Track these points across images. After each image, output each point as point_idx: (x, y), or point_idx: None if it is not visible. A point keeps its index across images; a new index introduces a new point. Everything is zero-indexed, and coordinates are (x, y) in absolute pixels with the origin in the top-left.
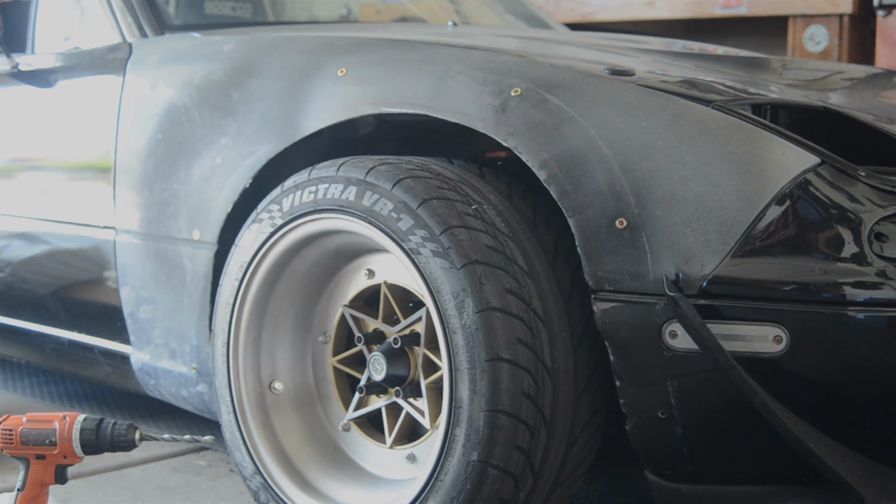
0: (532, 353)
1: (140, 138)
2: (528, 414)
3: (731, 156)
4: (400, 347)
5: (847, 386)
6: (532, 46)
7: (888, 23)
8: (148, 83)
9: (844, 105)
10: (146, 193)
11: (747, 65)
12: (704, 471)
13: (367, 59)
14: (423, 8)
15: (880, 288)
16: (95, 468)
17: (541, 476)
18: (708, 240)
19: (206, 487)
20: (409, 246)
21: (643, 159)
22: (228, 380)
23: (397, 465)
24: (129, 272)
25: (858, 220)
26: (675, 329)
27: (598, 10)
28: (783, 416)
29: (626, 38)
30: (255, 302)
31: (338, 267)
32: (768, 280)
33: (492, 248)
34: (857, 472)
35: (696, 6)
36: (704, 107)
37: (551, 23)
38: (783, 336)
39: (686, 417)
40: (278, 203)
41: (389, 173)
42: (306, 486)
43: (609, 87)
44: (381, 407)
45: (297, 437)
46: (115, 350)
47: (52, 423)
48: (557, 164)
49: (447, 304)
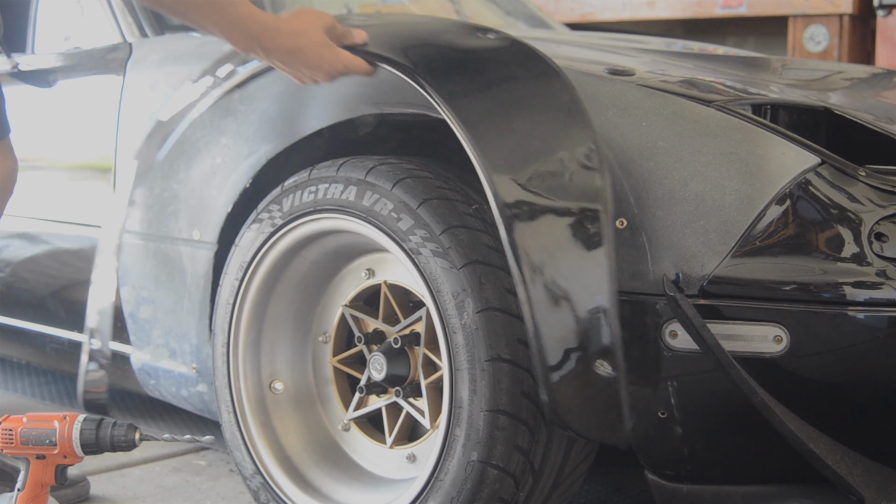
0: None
1: (140, 138)
2: (528, 414)
3: (731, 156)
4: (400, 347)
5: (847, 386)
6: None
7: (888, 23)
8: (148, 83)
9: (844, 105)
10: (146, 193)
11: (747, 65)
12: (704, 471)
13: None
14: (423, 8)
15: (880, 288)
16: (95, 468)
17: (541, 476)
18: (708, 240)
19: (206, 487)
20: (410, 246)
21: (643, 159)
22: (228, 380)
23: (397, 465)
24: (130, 272)
25: (858, 220)
26: (675, 329)
27: (598, 10)
28: (783, 415)
29: (626, 38)
30: (255, 302)
31: (338, 267)
32: (768, 280)
33: (492, 247)
34: (857, 472)
35: (696, 6)
36: (704, 107)
37: (551, 23)
38: (783, 336)
39: (686, 417)
40: (278, 203)
41: (389, 173)
42: (306, 486)
43: (609, 87)
44: (381, 407)
45: (297, 437)
46: (114, 350)
47: (52, 423)
48: None
49: (447, 304)
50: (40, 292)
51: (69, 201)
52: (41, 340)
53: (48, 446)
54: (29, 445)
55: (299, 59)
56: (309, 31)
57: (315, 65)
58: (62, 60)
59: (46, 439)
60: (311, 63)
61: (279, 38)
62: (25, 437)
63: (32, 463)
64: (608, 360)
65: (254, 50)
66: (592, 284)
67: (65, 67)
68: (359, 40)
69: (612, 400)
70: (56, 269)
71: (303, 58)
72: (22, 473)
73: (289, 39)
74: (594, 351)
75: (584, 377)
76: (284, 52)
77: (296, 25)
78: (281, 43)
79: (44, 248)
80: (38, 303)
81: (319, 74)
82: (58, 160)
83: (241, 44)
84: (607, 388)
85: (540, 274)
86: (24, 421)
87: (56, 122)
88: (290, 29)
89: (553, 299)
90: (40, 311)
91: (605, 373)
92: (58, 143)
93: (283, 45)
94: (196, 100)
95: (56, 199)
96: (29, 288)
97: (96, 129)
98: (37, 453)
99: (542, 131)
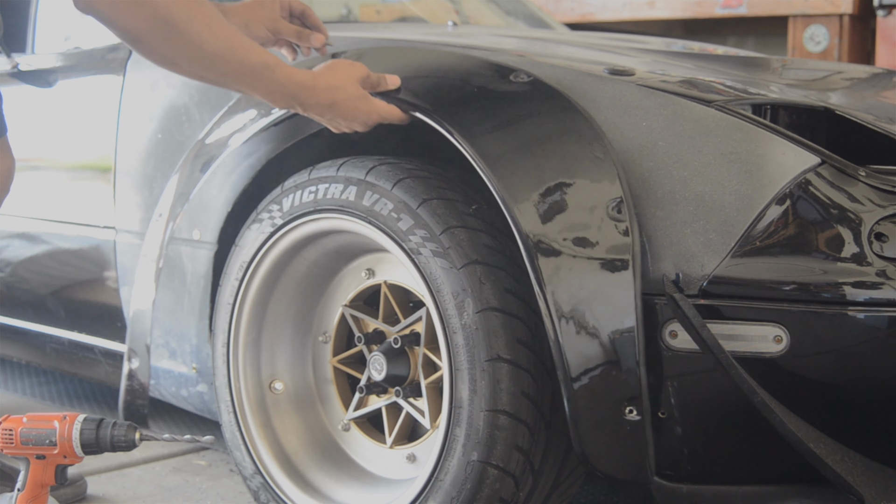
0: (532, 353)
1: (140, 138)
2: (528, 414)
3: (731, 156)
4: (400, 347)
5: (847, 386)
6: (532, 46)
7: (888, 23)
8: (148, 83)
9: (844, 105)
10: (146, 193)
11: (747, 65)
12: (704, 471)
13: (367, 59)
14: (423, 8)
15: (880, 288)
16: (95, 468)
17: (541, 476)
18: (708, 240)
19: (206, 487)
20: (410, 246)
21: (643, 159)
22: (228, 380)
23: (397, 465)
24: (130, 272)
25: (858, 220)
26: (675, 329)
27: (598, 10)
28: (783, 415)
29: (626, 38)
30: (255, 302)
31: (338, 267)
32: (768, 280)
33: (492, 247)
34: (857, 472)
35: (696, 6)
36: (704, 107)
37: (551, 23)
38: (783, 336)
39: (686, 417)
40: (278, 203)
41: (389, 173)
42: (306, 486)
43: (609, 87)
44: (381, 407)
45: (297, 437)
46: (115, 350)
47: (52, 423)
48: None
49: (447, 304)
50: (40, 292)
51: (69, 201)
52: (41, 340)
53: (48, 446)
54: (29, 445)
55: (336, 112)
56: (344, 84)
57: (352, 116)
58: (62, 60)
59: (46, 439)
60: (348, 115)
61: (316, 95)
62: (25, 437)
63: (32, 463)
64: (635, 406)
65: (292, 107)
66: (621, 335)
67: (65, 67)
68: (392, 87)
69: (639, 443)
70: (56, 269)
71: (339, 111)
72: (22, 473)
73: (325, 95)
74: (622, 398)
75: (611, 423)
76: (322, 107)
77: (331, 80)
78: (318, 99)
79: (44, 248)
80: (38, 303)
81: (356, 125)
82: (58, 160)
83: (279, 103)
84: (634, 433)
85: (569, 323)
86: (24, 421)
87: (56, 122)
88: (326, 84)
89: (583, 351)
90: (40, 311)
91: (633, 418)
92: (58, 143)
93: (320, 101)
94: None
95: (56, 198)
96: (29, 288)
97: (96, 128)
98: (37, 453)
99: (575, 189)
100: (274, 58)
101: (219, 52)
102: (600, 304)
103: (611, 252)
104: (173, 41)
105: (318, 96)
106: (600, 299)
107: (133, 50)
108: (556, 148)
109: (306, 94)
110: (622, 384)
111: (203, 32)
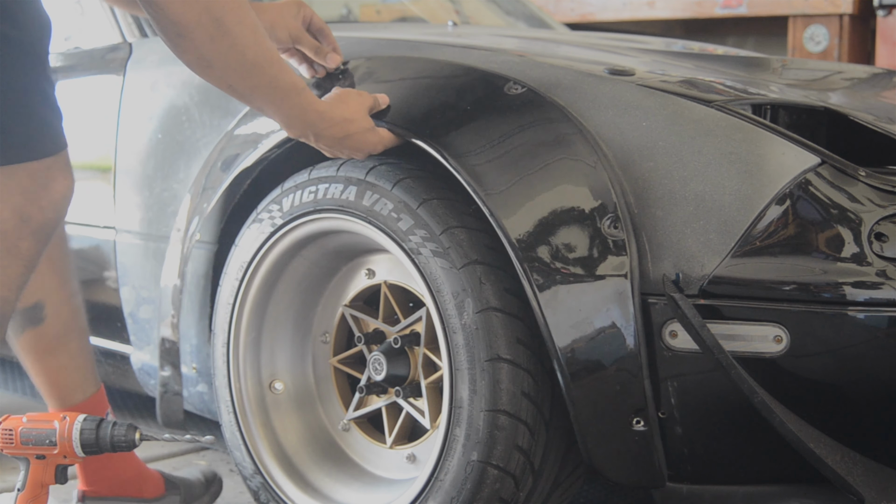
0: (532, 353)
1: (140, 138)
2: (528, 414)
3: (731, 156)
4: (400, 347)
5: (847, 386)
6: (532, 46)
7: (888, 23)
8: (148, 83)
9: (844, 105)
10: (146, 193)
11: (747, 65)
12: (704, 471)
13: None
14: (423, 8)
15: (880, 288)
16: None
17: (541, 476)
18: (708, 240)
19: None
20: (410, 246)
21: (643, 159)
22: (228, 380)
23: (397, 465)
24: (130, 272)
25: (858, 220)
26: (675, 329)
27: (598, 10)
28: (783, 415)
29: (626, 38)
30: (255, 302)
31: (338, 267)
32: (768, 280)
33: (492, 247)
34: (857, 472)
35: (696, 6)
36: (704, 107)
37: (551, 23)
38: (783, 336)
39: (686, 417)
40: (278, 203)
41: (389, 173)
42: (306, 486)
43: (609, 87)
44: (381, 407)
45: (297, 437)
46: (115, 350)
47: (52, 423)
48: None
49: (447, 304)
50: None
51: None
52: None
53: (48, 446)
54: (29, 445)
55: (346, 144)
56: (357, 117)
57: (360, 147)
58: (62, 60)
59: (46, 439)
60: (357, 147)
61: (332, 127)
62: (25, 437)
63: (32, 463)
64: (642, 417)
65: (306, 136)
66: (624, 350)
67: (65, 67)
68: (384, 106)
69: (647, 451)
70: None
71: (351, 142)
72: (22, 473)
73: (340, 128)
74: (629, 409)
75: (619, 434)
76: (334, 139)
77: (345, 113)
78: (333, 132)
79: None
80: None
81: (359, 154)
82: None
83: (295, 130)
84: (642, 441)
85: (572, 345)
86: (24, 421)
87: None
88: (342, 117)
89: (586, 365)
90: None
91: (640, 428)
92: None
93: (334, 133)
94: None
95: None
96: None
97: (96, 128)
98: (37, 453)
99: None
100: (302, 82)
101: (258, 62)
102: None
103: (605, 269)
104: (218, 41)
105: (333, 128)
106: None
107: (170, 45)
108: (548, 162)
109: (324, 125)
110: (627, 397)
111: (248, 37)
